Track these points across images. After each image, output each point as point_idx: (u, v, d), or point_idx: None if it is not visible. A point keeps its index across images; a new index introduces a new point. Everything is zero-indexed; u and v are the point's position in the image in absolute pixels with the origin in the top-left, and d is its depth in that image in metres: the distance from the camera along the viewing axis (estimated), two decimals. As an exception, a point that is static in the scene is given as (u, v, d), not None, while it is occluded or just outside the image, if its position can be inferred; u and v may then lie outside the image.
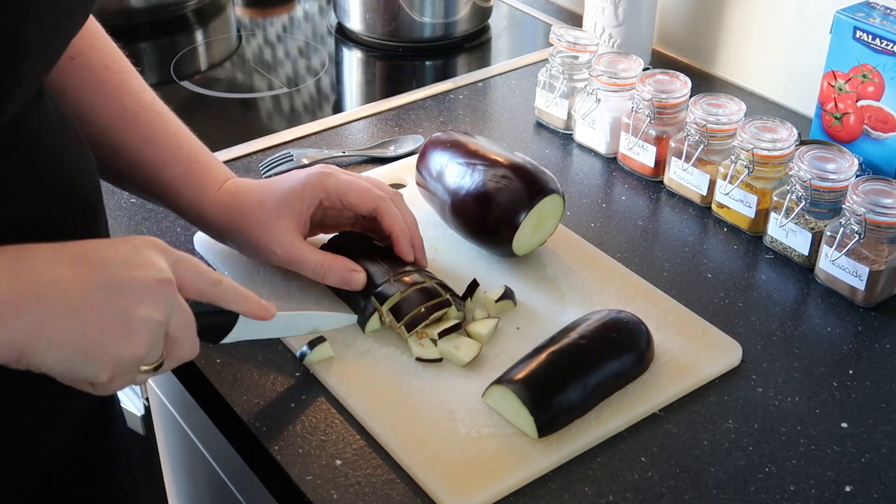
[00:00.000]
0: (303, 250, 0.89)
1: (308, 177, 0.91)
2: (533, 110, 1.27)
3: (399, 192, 0.95)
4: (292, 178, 0.92)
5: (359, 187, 0.92)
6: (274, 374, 0.87)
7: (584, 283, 0.96)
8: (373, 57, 1.46)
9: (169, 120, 0.91)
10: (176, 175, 0.90)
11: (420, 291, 0.88)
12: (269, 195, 0.90)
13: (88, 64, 0.86)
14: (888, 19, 1.04)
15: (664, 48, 1.41)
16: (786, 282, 1.00)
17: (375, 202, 0.91)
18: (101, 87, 0.87)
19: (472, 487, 0.76)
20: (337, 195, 0.91)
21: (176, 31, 1.52)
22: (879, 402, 0.86)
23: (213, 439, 0.96)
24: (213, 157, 0.94)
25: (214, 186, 0.92)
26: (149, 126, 0.89)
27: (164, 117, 0.91)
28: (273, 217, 0.89)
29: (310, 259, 0.89)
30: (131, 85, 0.89)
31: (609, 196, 1.13)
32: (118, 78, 0.88)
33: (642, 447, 0.81)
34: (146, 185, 0.91)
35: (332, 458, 0.79)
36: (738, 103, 1.08)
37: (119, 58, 0.89)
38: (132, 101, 0.88)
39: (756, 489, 0.78)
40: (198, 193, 0.91)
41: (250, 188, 0.92)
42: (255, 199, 0.91)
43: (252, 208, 0.90)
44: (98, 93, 0.86)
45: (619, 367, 0.84)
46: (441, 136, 1.02)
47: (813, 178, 0.96)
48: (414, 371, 0.86)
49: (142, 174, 0.90)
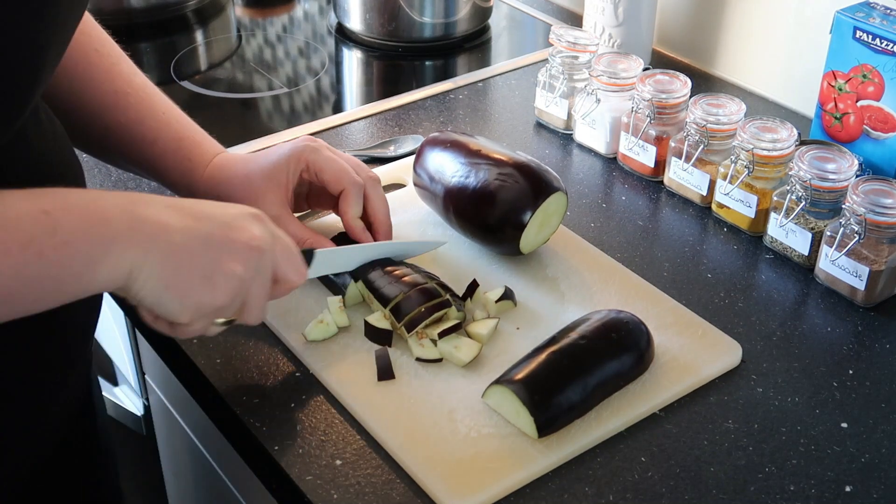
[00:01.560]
0: (289, 225, 0.91)
1: (292, 149, 0.93)
2: (533, 110, 1.27)
3: (375, 176, 0.96)
4: (277, 151, 0.93)
5: (336, 167, 0.93)
6: (274, 374, 0.87)
7: (584, 283, 0.96)
8: (373, 57, 1.46)
9: (158, 100, 0.93)
10: (167, 151, 0.92)
11: (420, 292, 0.88)
12: (255, 168, 0.92)
13: (80, 49, 0.88)
14: (888, 19, 1.04)
15: (664, 48, 1.41)
16: (786, 282, 1.00)
17: (345, 185, 0.93)
18: (93, 69, 0.89)
19: (472, 487, 0.76)
20: (314, 170, 0.93)
21: (176, 31, 1.52)
22: (879, 402, 0.86)
23: (213, 439, 0.96)
24: (202, 133, 0.96)
25: (204, 161, 0.94)
26: (139, 105, 0.91)
27: (154, 98, 0.93)
28: (260, 190, 0.91)
29: (294, 233, 0.91)
30: (121, 68, 0.91)
31: (609, 196, 1.13)
32: (108, 62, 0.90)
33: (642, 447, 0.81)
34: (138, 161, 0.93)
35: (332, 458, 0.79)
36: (738, 103, 1.08)
37: (108, 42, 0.92)
38: (122, 82, 0.91)
39: (756, 489, 0.78)
40: (188, 168, 0.93)
41: (237, 162, 0.94)
42: (242, 173, 0.92)
43: (239, 181, 0.92)
44: (89, 75, 0.89)
45: (619, 367, 0.84)
46: (439, 136, 1.02)
47: (813, 178, 0.96)
48: (414, 371, 0.86)
49: (133, 151, 0.92)
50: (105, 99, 0.90)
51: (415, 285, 0.88)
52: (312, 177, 0.93)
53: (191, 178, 0.93)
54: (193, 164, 0.93)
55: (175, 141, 0.92)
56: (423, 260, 0.98)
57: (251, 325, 0.80)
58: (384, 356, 0.86)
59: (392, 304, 0.88)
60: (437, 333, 0.86)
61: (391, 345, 0.88)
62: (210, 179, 0.93)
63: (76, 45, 0.87)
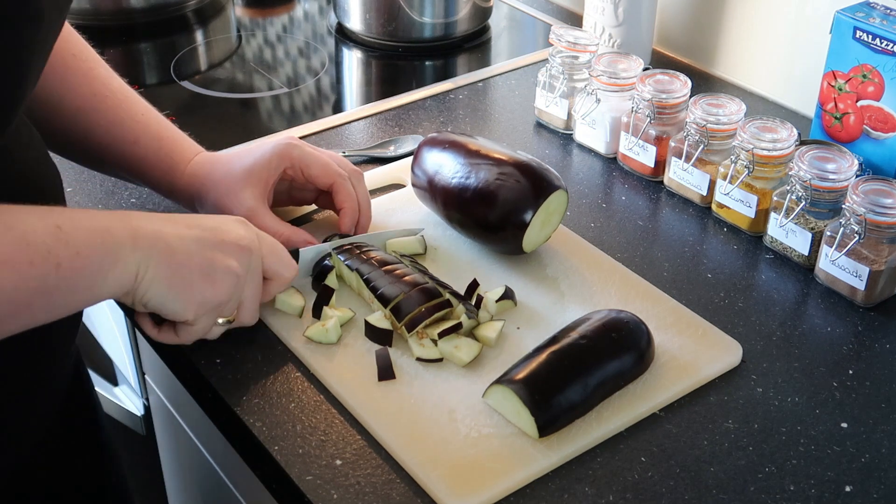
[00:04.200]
0: (265, 218, 0.93)
1: (275, 147, 0.94)
2: (533, 110, 1.27)
3: (358, 170, 0.99)
4: (260, 148, 0.95)
5: (321, 162, 0.95)
6: (274, 374, 0.87)
7: (584, 283, 0.96)
8: (373, 57, 1.46)
9: (136, 102, 0.95)
10: (148, 152, 0.94)
11: (421, 292, 0.88)
12: (237, 163, 0.94)
13: (57, 54, 0.89)
14: (888, 19, 1.04)
15: (664, 48, 1.41)
16: (786, 282, 1.00)
17: (334, 178, 0.96)
18: (70, 74, 0.91)
19: (473, 487, 0.76)
20: (300, 166, 0.95)
21: (176, 31, 1.52)
22: (879, 402, 0.86)
23: (213, 439, 0.96)
24: (181, 133, 0.98)
25: (185, 159, 0.96)
26: (118, 108, 0.93)
27: (132, 100, 0.95)
28: (239, 184, 0.93)
29: (270, 227, 0.92)
30: (98, 72, 0.93)
31: (609, 196, 1.13)
32: (86, 66, 0.92)
33: (642, 447, 0.81)
34: (119, 163, 0.95)
35: (332, 458, 0.79)
36: (738, 103, 1.08)
37: (85, 48, 0.94)
38: (100, 86, 0.93)
39: (756, 489, 0.78)
40: (169, 166, 0.95)
41: (219, 158, 0.96)
42: (223, 169, 0.94)
43: (220, 176, 0.94)
44: (68, 80, 0.90)
45: (620, 366, 0.84)
46: (436, 136, 1.02)
47: (813, 178, 0.96)
48: (414, 371, 0.86)
49: (114, 153, 0.94)
50: (84, 102, 0.91)
51: (415, 285, 0.88)
52: (298, 173, 0.95)
53: (172, 176, 0.95)
54: (174, 163, 0.95)
55: (155, 141, 0.94)
56: (424, 260, 0.98)
57: (248, 324, 0.85)
58: (384, 356, 0.86)
59: (392, 303, 0.88)
60: (437, 333, 0.86)
61: (391, 345, 0.88)
62: (191, 177, 0.95)
63: (54, 51, 0.88)
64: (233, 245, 0.79)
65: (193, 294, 0.77)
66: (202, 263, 0.77)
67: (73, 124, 0.91)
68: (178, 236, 0.76)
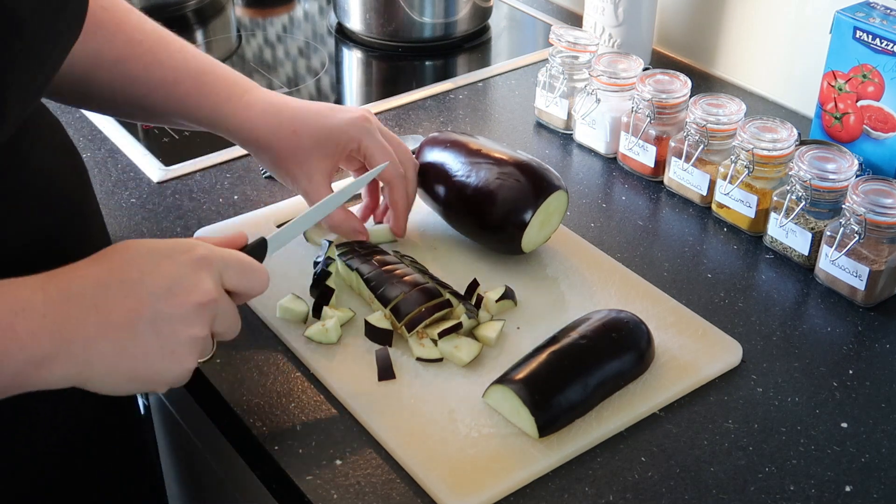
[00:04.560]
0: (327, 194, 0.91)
1: (348, 124, 0.92)
2: (533, 110, 1.27)
3: (416, 165, 0.99)
4: (333, 119, 0.92)
5: (385, 157, 0.93)
6: (274, 374, 0.87)
7: (584, 283, 0.96)
8: (373, 57, 1.46)
9: (172, 41, 0.92)
10: (190, 90, 0.91)
11: (420, 292, 0.88)
12: (304, 128, 0.91)
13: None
14: (888, 19, 1.04)
15: (664, 48, 1.41)
16: (786, 282, 1.00)
17: (392, 177, 0.94)
18: (103, 27, 0.88)
19: (472, 487, 0.76)
20: (365, 153, 0.93)
21: (176, 31, 1.51)
22: (879, 402, 0.86)
23: (213, 439, 0.96)
24: (226, 68, 0.94)
25: (234, 94, 0.92)
26: (154, 49, 0.90)
27: (167, 39, 0.92)
28: (307, 153, 0.91)
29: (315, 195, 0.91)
30: (130, 18, 0.91)
31: (609, 196, 1.13)
32: (117, 16, 0.89)
33: (642, 447, 0.81)
34: (166, 108, 0.92)
35: (332, 458, 0.79)
36: (738, 103, 1.08)
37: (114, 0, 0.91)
38: (133, 31, 0.90)
39: (756, 489, 0.78)
40: (216, 103, 0.91)
41: (282, 111, 0.92)
42: (289, 128, 0.91)
43: (285, 135, 0.91)
44: (100, 33, 0.87)
45: (620, 366, 0.84)
46: (438, 136, 1.02)
47: (813, 178, 0.96)
48: (414, 371, 0.86)
49: (158, 99, 0.91)
50: (120, 52, 0.89)
51: (415, 285, 0.88)
52: (359, 157, 0.94)
53: (221, 113, 0.92)
54: (220, 99, 0.91)
55: (196, 76, 0.91)
56: (424, 259, 0.98)
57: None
58: (385, 356, 0.86)
59: (392, 303, 0.88)
60: (437, 333, 0.86)
61: (391, 344, 0.88)
62: (248, 121, 0.91)
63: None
64: (194, 307, 0.68)
65: (159, 376, 0.68)
66: (162, 344, 0.67)
67: (114, 77, 0.89)
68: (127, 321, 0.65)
